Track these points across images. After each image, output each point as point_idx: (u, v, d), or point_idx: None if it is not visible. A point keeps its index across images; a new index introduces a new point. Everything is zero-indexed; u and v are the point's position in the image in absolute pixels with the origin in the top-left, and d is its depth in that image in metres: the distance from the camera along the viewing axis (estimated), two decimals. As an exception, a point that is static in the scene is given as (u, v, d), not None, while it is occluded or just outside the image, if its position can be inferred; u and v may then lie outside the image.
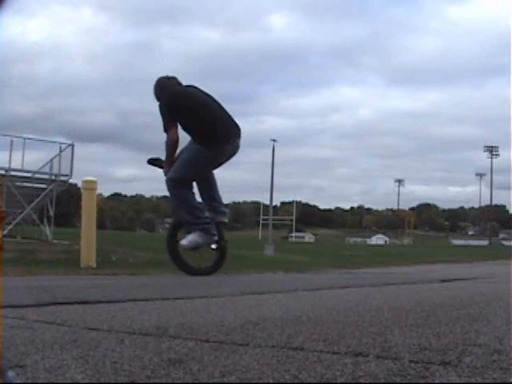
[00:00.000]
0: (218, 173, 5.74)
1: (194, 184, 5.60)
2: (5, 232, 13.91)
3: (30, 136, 19.59)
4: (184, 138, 5.59)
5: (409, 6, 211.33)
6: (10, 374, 1.23)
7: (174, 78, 5.63)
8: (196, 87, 5.67)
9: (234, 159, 5.61)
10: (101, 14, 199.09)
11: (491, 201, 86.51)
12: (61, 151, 17.17)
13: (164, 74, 5.63)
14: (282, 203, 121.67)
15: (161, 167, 5.61)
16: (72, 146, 17.45)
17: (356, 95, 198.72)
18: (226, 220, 5.82)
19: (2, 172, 16.18)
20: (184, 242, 5.48)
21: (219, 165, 5.60)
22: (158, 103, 5.53)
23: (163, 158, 5.58)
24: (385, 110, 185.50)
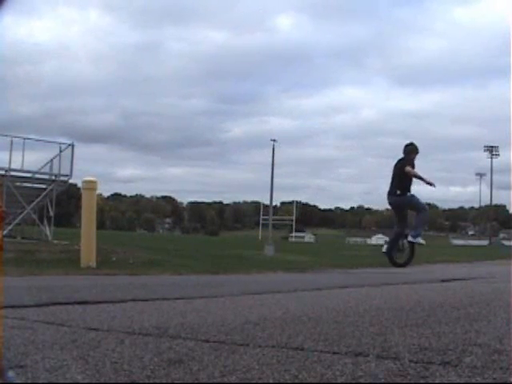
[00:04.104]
0: (218, 172, 5.85)
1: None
2: (5, 232, 13.89)
3: (33, 136, 19.55)
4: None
5: (415, 7, 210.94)
6: (10, 374, 1.23)
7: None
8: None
9: (234, 158, 5.81)
10: (107, 15, 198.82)
11: (491, 201, 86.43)
12: (61, 151, 17.13)
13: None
14: (282, 203, 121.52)
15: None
16: (72, 146, 17.41)
17: (360, 96, 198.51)
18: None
19: (2, 172, 16.14)
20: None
21: None
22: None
23: None
24: (388, 111, 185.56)
